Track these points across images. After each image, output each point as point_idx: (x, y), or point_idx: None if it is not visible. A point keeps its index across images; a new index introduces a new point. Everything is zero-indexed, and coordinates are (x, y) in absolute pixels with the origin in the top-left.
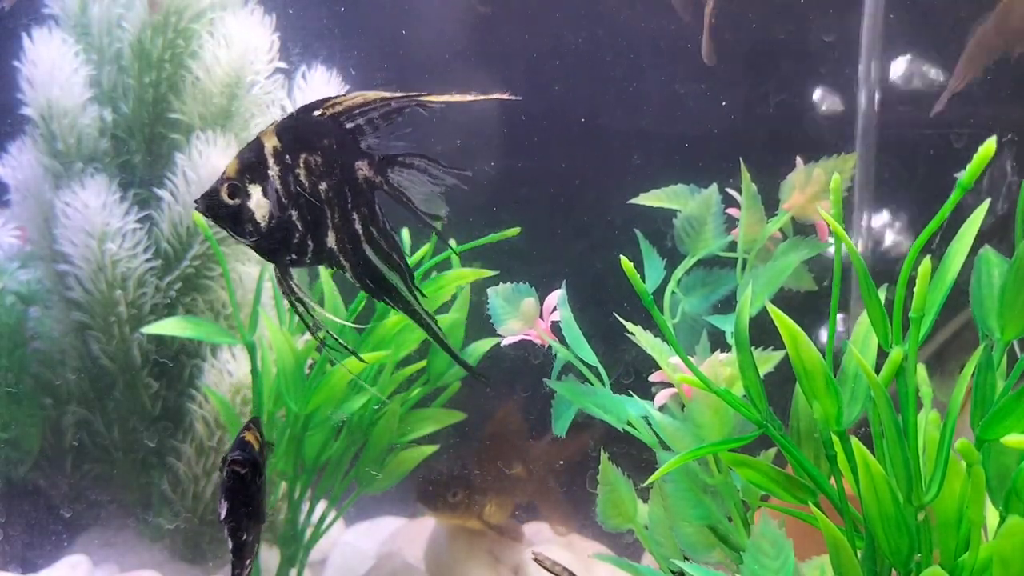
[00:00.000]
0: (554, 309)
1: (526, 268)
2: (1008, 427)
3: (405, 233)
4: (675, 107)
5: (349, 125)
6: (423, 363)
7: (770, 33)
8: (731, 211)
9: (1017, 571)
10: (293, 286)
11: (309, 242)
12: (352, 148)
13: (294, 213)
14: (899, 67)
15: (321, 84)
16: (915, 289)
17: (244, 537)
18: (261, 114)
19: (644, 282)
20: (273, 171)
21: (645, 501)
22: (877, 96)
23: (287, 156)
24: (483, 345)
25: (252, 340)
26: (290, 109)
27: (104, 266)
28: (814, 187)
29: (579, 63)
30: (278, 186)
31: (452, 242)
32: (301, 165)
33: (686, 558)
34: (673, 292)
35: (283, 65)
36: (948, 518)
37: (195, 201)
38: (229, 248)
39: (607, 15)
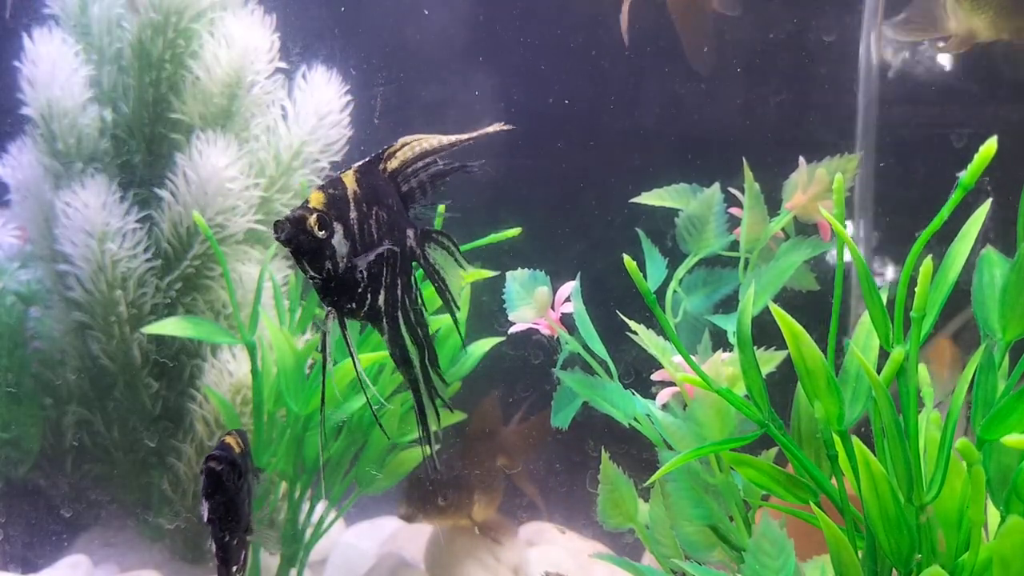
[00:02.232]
0: (566, 300)
1: (526, 268)
2: (1009, 427)
3: None
4: (676, 107)
5: (404, 188)
6: None
7: (770, 33)
8: (733, 210)
9: (1017, 571)
10: (347, 336)
11: (368, 296)
12: (405, 214)
13: (362, 262)
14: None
15: (321, 84)
16: (916, 289)
17: (227, 539)
18: (261, 114)
19: (646, 281)
20: (354, 214)
21: (645, 501)
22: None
23: (364, 204)
24: (483, 345)
25: (252, 340)
26: (290, 109)
27: (104, 266)
28: (816, 187)
29: (579, 63)
30: (356, 231)
31: None
32: (374, 216)
33: (687, 557)
34: (675, 291)
35: (283, 65)
36: (948, 518)
37: (275, 225)
38: (229, 248)
39: (607, 15)
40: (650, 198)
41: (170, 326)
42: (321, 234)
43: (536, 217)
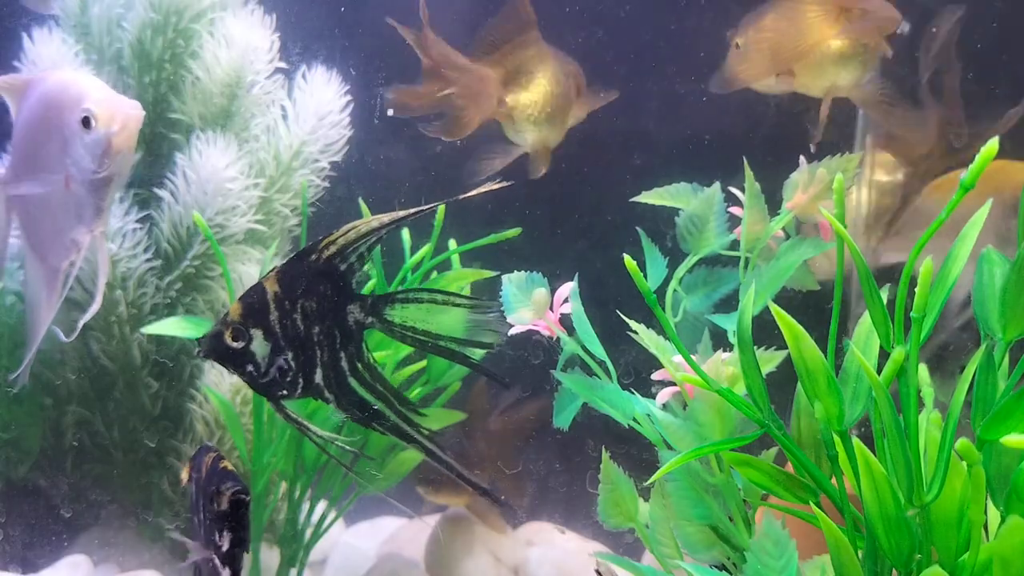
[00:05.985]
0: (564, 301)
1: (526, 268)
2: (1009, 427)
3: (406, 232)
4: (676, 107)
5: (343, 267)
6: (423, 363)
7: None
8: (734, 210)
9: (1017, 571)
10: (290, 414)
11: (300, 380)
12: (345, 291)
13: (289, 355)
14: None
15: (321, 84)
16: (916, 289)
17: (239, 565)
18: (261, 114)
19: (646, 281)
20: (274, 316)
21: (645, 500)
22: None
23: (286, 302)
24: None
25: None
26: (290, 109)
27: None
28: (817, 186)
29: (579, 62)
30: (277, 330)
31: (452, 242)
32: (299, 311)
33: (687, 557)
34: (675, 291)
35: (283, 65)
36: (949, 518)
37: (197, 342)
38: (229, 248)
39: (607, 14)
40: (650, 198)
41: (170, 326)
42: (237, 345)
43: (536, 217)
